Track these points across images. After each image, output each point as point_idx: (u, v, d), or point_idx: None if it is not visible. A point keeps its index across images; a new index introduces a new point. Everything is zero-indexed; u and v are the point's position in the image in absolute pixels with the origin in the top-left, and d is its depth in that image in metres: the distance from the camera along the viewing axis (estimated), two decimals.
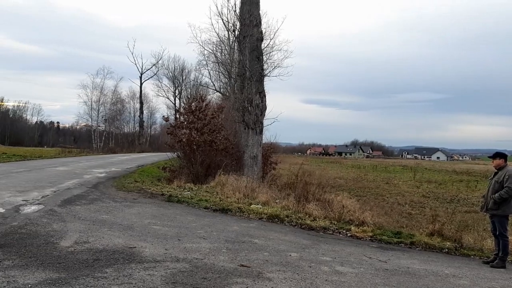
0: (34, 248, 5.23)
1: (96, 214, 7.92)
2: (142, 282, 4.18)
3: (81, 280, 4.14)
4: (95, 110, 59.76)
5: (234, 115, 18.94)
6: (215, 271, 4.77)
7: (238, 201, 10.49)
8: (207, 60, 31.24)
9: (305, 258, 5.79)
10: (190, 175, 15.49)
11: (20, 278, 4.09)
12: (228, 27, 22.63)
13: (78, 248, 5.34)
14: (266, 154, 18.88)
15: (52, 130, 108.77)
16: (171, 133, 16.81)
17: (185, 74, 68.04)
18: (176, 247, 5.77)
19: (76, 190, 11.18)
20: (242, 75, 16.72)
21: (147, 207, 9.22)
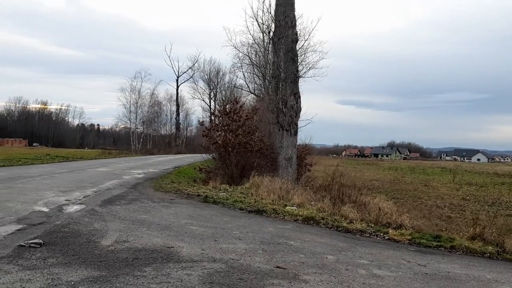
0: (76, 246, 5.42)
1: (135, 214, 8.13)
2: (180, 282, 4.26)
3: (121, 278, 4.25)
4: (133, 113, 61.34)
5: (268, 117, 18.95)
6: (251, 272, 4.80)
7: (273, 202, 10.50)
8: (241, 62, 31.51)
9: (342, 261, 5.73)
10: (225, 176, 15.63)
11: (64, 275, 4.25)
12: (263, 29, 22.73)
13: (118, 247, 5.50)
14: (301, 156, 18.78)
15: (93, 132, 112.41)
16: (206, 135, 17.03)
17: (220, 77, 68.88)
18: (212, 247, 5.84)
19: (116, 190, 11.52)
20: (276, 77, 16.71)
21: (183, 208, 9.39)
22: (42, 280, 4.06)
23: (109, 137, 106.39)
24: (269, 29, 18.52)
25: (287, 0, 15.28)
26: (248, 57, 29.08)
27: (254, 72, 30.84)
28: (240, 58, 30.94)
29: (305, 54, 19.14)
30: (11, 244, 5.33)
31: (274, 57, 17.43)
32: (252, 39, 27.01)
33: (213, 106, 67.06)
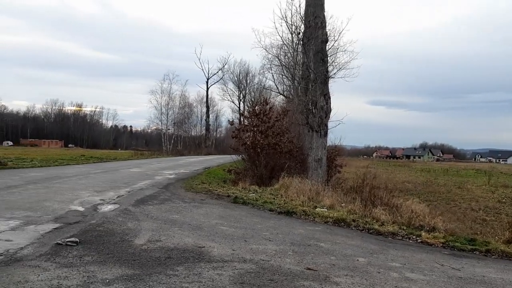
0: (111, 245, 5.56)
1: (167, 213, 8.27)
2: (211, 281, 4.31)
3: (154, 277, 4.34)
4: (164, 114, 62.26)
5: (298, 118, 18.90)
6: (281, 273, 4.81)
7: (302, 204, 10.46)
8: (270, 64, 31.57)
9: (373, 264, 5.66)
10: (255, 177, 15.68)
11: (99, 273, 4.36)
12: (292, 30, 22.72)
13: (151, 246, 5.61)
14: (331, 157, 18.65)
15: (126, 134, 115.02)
16: (236, 136, 17.14)
17: (250, 78, 69.22)
18: (242, 248, 5.88)
19: (148, 190, 11.75)
20: (306, 78, 16.66)
21: (214, 208, 9.48)
22: (78, 277, 4.18)
23: (141, 138, 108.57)
24: (298, 30, 18.53)
25: (316, 1, 15.20)
26: (277, 58, 29.14)
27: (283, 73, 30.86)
28: (269, 59, 31.04)
29: (335, 54, 19.04)
30: (49, 242, 5.52)
31: (304, 58, 17.39)
32: (281, 40, 27.05)
33: (242, 107, 67.45)
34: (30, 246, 5.24)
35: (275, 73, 33.46)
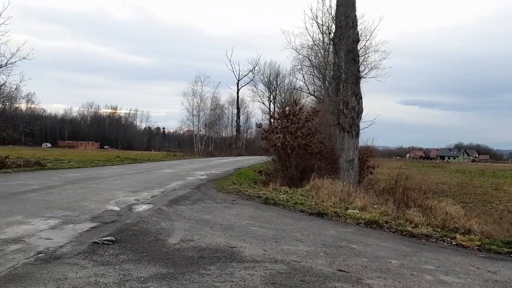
0: (145, 244, 5.69)
1: (199, 214, 8.40)
2: (243, 281, 4.36)
3: (187, 276, 4.42)
4: (196, 116, 63.06)
5: (329, 118, 18.79)
6: (313, 274, 4.81)
7: (334, 205, 10.39)
8: (301, 64, 31.51)
9: (407, 266, 5.58)
10: (285, 178, 15.67)
11: (134, 271, 4.48)
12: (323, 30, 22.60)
13: (184, 246, 5.71)
14: (363, 158, 18.44)
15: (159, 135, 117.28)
16: (265, 137, 17.18)
17: (280, 79, 69.28)
18: (274, 248, 5.91)
19: (180, 191, 11.95)
20: (337, 78, 16.55)
21: (245, 209, 9.55)
22: (115, 275, 4.31)
23: (174, 139, 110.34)
24: (329, 30, 18.42)
25: (348, 0, 15.08)
26: (307, 59, 29.03)
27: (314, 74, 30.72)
28: (299, 60, 30.99)
29: (367, 54, 18.81)
30: (86, 240, 5.71)
31: (335, 58, 17.27)
32: (312, 40, 26.95)
33: (273, 108, 67.52)
34: (68, 245, 5.44)
35: (305, 73, 33.37)
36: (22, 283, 3.93)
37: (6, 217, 7.00)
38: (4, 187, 11.01)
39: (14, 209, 7.79)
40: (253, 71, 68.17)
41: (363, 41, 16.59)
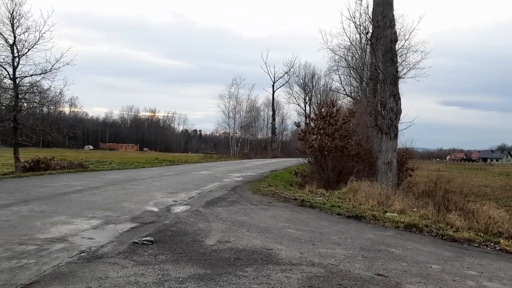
0: (183, 245, 5.78)
1: (235, 215, 8.45)
2: (280, 284, 4.35)
3: (224, 277, 4.45)
4: (231, 118, 63.51)
5: (366, 120, 18.48)
6: (350, 278, 4.74)
7: (372, 208, 10.22)
8: (337, 65, 31.21)
9: (448, 271, 5.41)
10: (322, 180, 15.54)
11: (173, 271, 4.56)
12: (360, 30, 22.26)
13: (221, 247, 5.76)
14: (401, 160, 18.05)
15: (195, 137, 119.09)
16: (302, 139, 17.09)
17: (315, 80, 68.84)
18: (310, 251, 5.86)
19: (217, 192, 12.07)
20: (374, 78, 16.27)
21: (281, 211, 9.53)
22: (154, 275, 4.40)
23: (210, 142, 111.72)
24: (366, 30, 18.09)
25: (385, 0, 14.81)
26: (344, 59, 28.70)
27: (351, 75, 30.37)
28: (336, 60, 30.69)
29: (405, 54, 18.40)
30: (126, 240, 5.86)
31: (372, 58, 16.99)
32: (349, 41, 26.57)
33: (308, 110, 67.10)
34: (109, 244, 5.59)
35: (342, 74, 33.05)
36: (66, 281, 4.07)
37: (51, 217, 7.28)
38: (49, 188, 11.46)
39: (59, 209, 8.09)
40: (288, 73, 68.15)
41: (401, 41, 16.23)
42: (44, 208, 8.08)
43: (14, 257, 4.75)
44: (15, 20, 18.41)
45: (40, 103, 21.86)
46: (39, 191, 10.58)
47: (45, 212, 7.72)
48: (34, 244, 5.37)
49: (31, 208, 8.02)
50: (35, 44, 18.73)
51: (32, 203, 8.69)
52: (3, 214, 7.29)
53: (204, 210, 8.80)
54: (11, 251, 5.01)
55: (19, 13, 18.46)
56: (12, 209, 7.82)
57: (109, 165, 23.60)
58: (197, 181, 15.59)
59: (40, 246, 5.31)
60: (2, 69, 18.84)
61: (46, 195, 9.99)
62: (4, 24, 18.28)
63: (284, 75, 68.57)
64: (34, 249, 5.16)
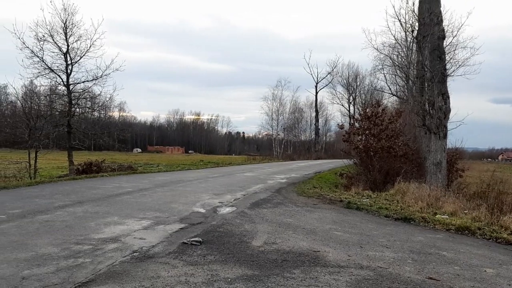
0: (230, 245, 5.86)
1: (280, 217, 8.47)
2: (328, 286, 4.32)
3: (272, 278, 4.48)
4: (275, 120, 63.58)
5: (413, 119, 17.99)
6: (401, 281, 4.64)
7: (421, 210, 9.95)
8: (382, 64, 30.55)
9: (503, 275, 5.19)
10: (368, 182, 15.27)
11: (221, 272, 4.64)
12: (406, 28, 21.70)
13: (268, 248, 5.80)
14: (451, 161, 17.47)
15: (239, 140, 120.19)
16: (346, 140, 16.87)
17: (359, 80, 67.66)
18: (358, 254, 5.79)
19: (261, 194, 12.13)
20: (421, 77, 15.81)
21: (327, 213, 9.46)
22: (203, 275, 4.50)
23: (253, 143, 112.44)
24: (412, 28, 17.61)
25: None
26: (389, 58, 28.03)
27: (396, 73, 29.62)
28: (380, 59, 30.05)
29: (454, 51, 17.74)
30: (176, 241, 6.01)
31: (418, 56, 16.53)
32: (394, 39, 25.91)
33: (353, 110, 66.10)
34: (160, 244, 5.76)
35: (387, 73, 32.29)
36: (120, 280, 4.24)
37: (104, 217, 7.59)
38: (102, 189, 11.93)
39: (111, 210, 8.42)
40: (331, 73, 67.33)
41: (449, 38, 15.68)
42: (97, 209, 8.44)
43: (71, 256, 4.99)
44: (68, 29, 19.40)
45: (91, 108, 22.88)
46: (92, 193, 11.04)
47: (99, 213, 8.06)
48: (89, 244, 5.62)
49: (86, 209, 8.39)
50: (87, 51, 19.68)
51: (86, 204, 9.09)
52: (60, 215, 7.67)
53: (249, 212, 8.88)
54: (69, 250, 5.27)
55: (71, 23, 19.43)
56: (68, 210, 8.21)
57: (157, 167, 24.28)
58: (241, 182, 15.73)
59: (95, 245, 5.55)
60: (57, 76, 19.87)
61: (99, 196, 10.42)
62: (58, 34, 19.30)
63: (327, 76, 67.87)
64: (89, 248, 5.40)
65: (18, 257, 4.85)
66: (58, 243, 5.58)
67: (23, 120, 18.62)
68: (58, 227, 6.62)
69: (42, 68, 19.26)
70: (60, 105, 21.51)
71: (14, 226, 6.57)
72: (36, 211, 7.93)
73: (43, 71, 19.34)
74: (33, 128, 17.77)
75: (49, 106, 21.71)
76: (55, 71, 19.70)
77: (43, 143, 18.71)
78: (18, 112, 25.07)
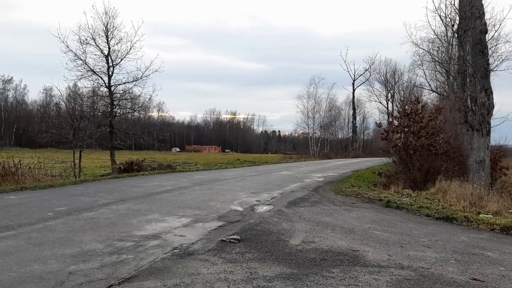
0: (268, 244, 5.90)
1: (318, 216, 8.44)
2: (368, 286, 4.28)
3: (311, 277, 4.48)
4: (311, 118, 63.23)
5: (454, 116, 17.47)
6: (443, 282, 4.54)
7: (463, 209, 9.66)
8: (421, 60, 29.76)
9: None
10: (407, 180, 14.95)
11: (260, 270, 4.68)
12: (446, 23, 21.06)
13: (306, 247, 5.80)
14: (495, 158, 16.82)
15: (274, 138, 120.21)
16: (385, 138, 16.55)
17: (398, 76, 66.06)
18: (399, 253, 5.70)
19: (298, 193, 12.12)
20: (462, 72, 15.33)
21: (366, 212, 9.34)
22: (242, 273, 4.55)
23: (289, 142, 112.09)
24: (453, 22, 17.08)
25: None
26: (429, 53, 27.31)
27: (436, 69, 28.82)
28: (420, 55, 29.31)
29: (496, 45, 17.12)
30: (214, 238, 6.11)
31: (459, 51, 16.05)
32: (434, 34, 25.22)
33: (391, 107, 64.67)
34: (199, 242, 5.88)
35: (426, 69, 31.40)
36: (161, 276, 4.35)
37: (146, 215, 7.80)
38: (143, 188, 12.26)
39: (152, 208, 8.65)
40: (368, 70, 66.20)
41: (491, 32, 15.11)
42: (139, 207, 8.68)
43: (115, 253, 5.17)
44: (109, 32, 20.01)
45: (132, 109, 23.48)
46: (133, 191, 11.37)
47: (140, 210, 8.29)
48: (131, 241, 5.79)
49: (128, 207, 8.66)
50: (127, 53, 20.22)
51: (128, 202, 9.37)
52: (104, 212, 7.94)
53: (287, 210, 8.90)
54: (112, 246, 5.46)
55: (112, 26, 20.04)
56: (111, 208, 8.49)
57: (195, 166, 24.68)
58: (278, 181, 15.76)
59: (137, 242, 5.72)
60: (99, 78, 20.54)
61: (140, 194, 10.71)
62: (100, 37, 19.94)
63: (364, 73, 66.79)
64: (132, 245, 5.57)
65: (65, 253, 5.07)
66: (102, 240, 5.79)
67: (68, 121, 19.38)
68: (102, 224, 6.86)
69: (85, 70, 19.98)
70: (102, 106, 22.24)
71: (61, 223, 6.86)
72: (81, 209, 8.25)
73: (86, 73, 20.06)
74: (77, 129, 18.47)
75: (91, 107, 22.48)
76: (97, 73, 20.38)
77: (86, 143, 19.41)
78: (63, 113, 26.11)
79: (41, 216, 7.38)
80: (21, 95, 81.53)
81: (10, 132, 74.59)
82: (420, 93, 35.45)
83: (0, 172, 13.09)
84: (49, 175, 15.53)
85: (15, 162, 13.88)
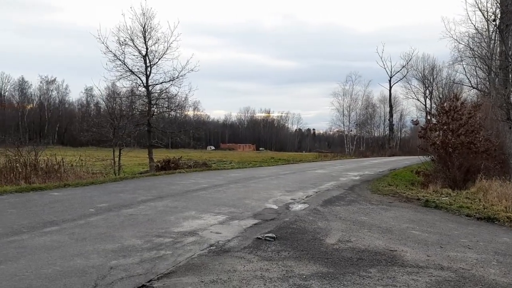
0: (304, 242, 5.91)
1: (354, 215, 8.36)
2: (407, 287, 4.22)
3: (347, 276, 4.46)
4: (346, 116, 62.50)
5: (496, 113, 16.86)
6: (485, 284, 4.41)
7: (506, 209, 9.31)
8: (461, 55, 28.84)
9: None
10: (446, 179, 14.55)
11: (296, 268, 4.69)
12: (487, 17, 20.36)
13: (342, 246, 5.77)
14: None
15: (309, 136, 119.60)
16: (423, 136, 16.15)
17: (436, 73, 64.11)
18: (438, 254, 5.58)
19: (334, 191, 12.03)
20: (505, 68, 14.80)
21: (403, 211, 9.18)
22: (278, 271, 4.58)
23: (324, 140, 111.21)
24: (494, 16, 16.49)
25: None
26: (469, 49, 26.44)
27: (476, 65, 27.88)
28: (459, 50, 28.38)
29: None
30: (250, 236, 6.17)
31: (501, 46, 15.51)
32: (474, 28, 24.44)
33: (429, 105, 62.96)
34: (235, 239, 5.95)
35: (466, 65, 30.44)
36: (198, 272, 4.44)
37: (183, 212, 7.96)
38: (180, 185, 12.49)
39: (189, 205, 8.81)
40: (406, 66, 64.64)
41: None
42: (176, 204, 8.87)
43: (153, 248, 5.31)
44: (147, 33, 20.44)
45: (169, 108, 23.94)
46: (171, 189, 11.60)
47: (178, 207, 8.46)
48: (169, 237, 5.93)
49: (166, 204, 8.85)
50: (164, 53, 20.61)
51: (166, 199, 9.58)
52: (143, 209, 8.16)
53: (322, 209, 8.86)
54: (151, 242, 5.61)
55: (150, 26, 20.46)
56: (150, 205, 8.71)
57: (230, 164, 24.92)
58: (313, 179, 15.68)
59: (174, 238, 5.85)
60: (137, 78, 21.05)
61: (177, 192, 10.92)
62: (138, 37, 20.41)
63: (401, 69, 65.27)
64: (170, 241, 5.70)
65: (106, 248, 5.25)
66: (141, 236, 5.96)
67: (108, 119, 19.97)
68: (141, 221, 7.05)
69: (124, 70, 20.50)
70: (140, 105, 22.77)
71: (102, 219, 7.10)
72: (121, 205, 8.51)
73: (125, 74, 20.57)
74: (117, 127, 18.99)
75: (130, 107, 23.05)
76: (136, 73, 20.87)
77: (126, 141, 19.94)
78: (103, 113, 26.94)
79: (83, 212, 7.66)
80: (63, 95, 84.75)
81: (53, 131, 77.67)
82: (460, 89, 34.39)
83: (44, 170, 13.65)
84: (90, 173, 16.08)
85: (58, 160, 14.44)
